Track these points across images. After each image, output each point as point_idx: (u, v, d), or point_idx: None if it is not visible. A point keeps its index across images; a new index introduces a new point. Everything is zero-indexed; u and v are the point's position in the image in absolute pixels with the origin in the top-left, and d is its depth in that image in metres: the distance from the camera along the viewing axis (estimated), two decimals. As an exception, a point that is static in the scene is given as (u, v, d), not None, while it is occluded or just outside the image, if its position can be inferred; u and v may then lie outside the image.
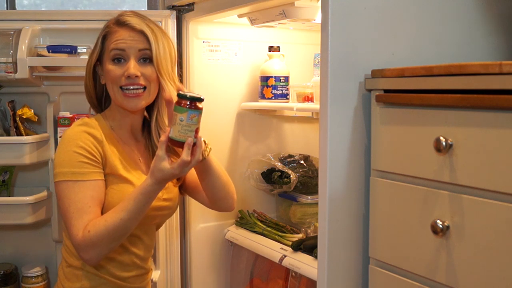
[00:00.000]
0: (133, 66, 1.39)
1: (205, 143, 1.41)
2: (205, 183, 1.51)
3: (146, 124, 1.54)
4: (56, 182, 1.37)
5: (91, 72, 1.48)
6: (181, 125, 1.26)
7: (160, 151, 1.29)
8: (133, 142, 1.51)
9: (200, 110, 1.28)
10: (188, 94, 1.26)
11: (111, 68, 1.41)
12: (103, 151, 1.39)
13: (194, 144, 1.29)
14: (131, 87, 1.40)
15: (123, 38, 1.41)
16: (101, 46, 1.45)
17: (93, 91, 1.51)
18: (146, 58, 1.42)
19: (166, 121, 1.46)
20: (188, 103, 1.26)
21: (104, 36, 1.45)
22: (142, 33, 1.42)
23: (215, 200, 1.56)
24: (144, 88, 1.42)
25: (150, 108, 1.51)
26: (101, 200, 1.37)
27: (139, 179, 1.45)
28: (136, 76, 1.39)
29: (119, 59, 1.42)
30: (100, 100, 1.53)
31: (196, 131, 1.29)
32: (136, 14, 1.47)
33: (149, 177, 1.31)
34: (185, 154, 1.27)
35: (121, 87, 1.41)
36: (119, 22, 1.44)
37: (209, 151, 1.44)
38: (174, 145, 1.30)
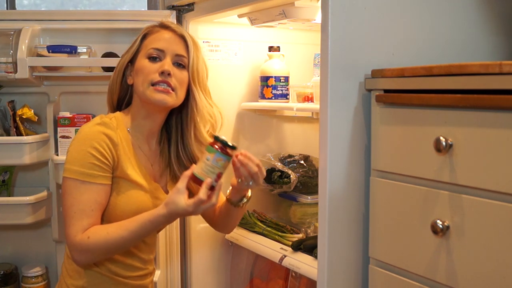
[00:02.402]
0: (167, 64, 1.41)
1: (247, 197, 1.46)
2: (224, 218, 1.54)
3: (162, 132, 1.54)
4: (64, 177, 1.37)
5: (122, 70, 1.48)
6: (206, 164, 1.30)
7: (181, 184, 1.31)
8: (147, 147, 1.50)
9: (229, 157, 1.31)
10: (223, 138, 1.30)
11: (146, 64, 1.42)
12: (117, 155, 1.38)
13: (213, 187, 1.31)
14: (161, 83, 1.40)
15: (163, 38, 1.44)
16: (139, 44, 1.46)
17: (118, 90, 1.50)
18: (181, 64, 1.44)
19: (204, 134, 1.48)
20: (219, 145, 1.30)
21: (144, 36, 1.47)
22: (183, 38, 1.46)
23: (220, 227, 1.60)
24: (173, 89, 1.42)
25: (172, 117, 1.52)
26: (104, 205, 1.38)
27: (149, 184, 1.45)
28: (169, 74, 1.40)
29: (155, 58, 1.43)
30: (119, 101, 1.52)
31: (219, 175, 1.32)
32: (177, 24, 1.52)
33: (162, 207, 1.32)
34: (202, 193, 1.29)
35: (152, 84, 1.40)
36: (162, 24, 1.48)
37: (247, 202, 1.47)
38: (194, 181, 1.32)
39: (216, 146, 1.30)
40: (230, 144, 1.31)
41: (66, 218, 1.35)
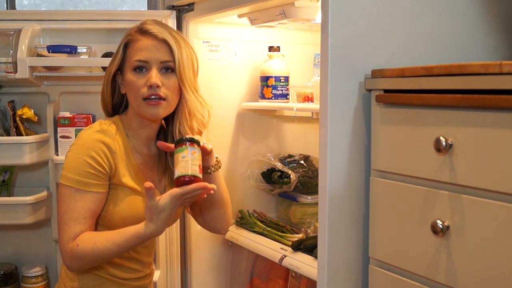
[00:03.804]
0: (154, 76, 1.38)
1: (217, 159, 1.46)
2: (209, 206, 1.53)
3: (160, 134, 1.53)
4: (60, 183, 1.38)
5: (110, 81, 1.46)
6: (184, 161, 1.29)
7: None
8: (146, 151, 1.50)
9: (199, 148, 1.32)
10: (185, 136, 1.33)
11: (133, 78, 1.39)
12: (114, 163, 1.38)
13: (199, 178, 1.30)
14: (152, 97, 1.38)
15: (145, 48, 1.40)
16: (122, 54, 1.43)
17: (110, 100, 1.49)
18: (169, 68, 1.41)
19: (189, 133, 1.46)
20: (186, 143, 1.31)
21: (126, 44, 1.43)
22: (165, 42, 1.40)
23: (210, 218, 1.57)
24: (164, 99, 1.39)
25: (169, 119, 1.49)
26: (97, 213, 1.38)
27: None
28: (157, 86, 1.38)
29: (140, 68, 1.40)
30: (115, 108, 1.51)
31: (199, 167, 1.31)
32: (158, 22, 1.46)
33: (147, 224, 1.31)
34: (193, 187, 1.29)
35: (143, 99, 1.38)
36: (142, 30, 1.43)
37: (218, 168, 1.47)
38: (182, 183, 1.29)
39: (185, 144, 1.31)
40: (193, 137, 1.33)
41: (59, 225, 1.36)
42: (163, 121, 1.53)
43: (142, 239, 1.34)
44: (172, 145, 1.37)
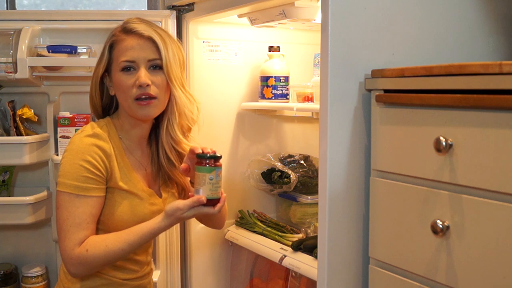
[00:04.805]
0: (143, 75, 1.37)
1: None
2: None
3: (152, 133, 1.53)
4: (58, 190, 1.37)
5: (98, 83, 1.45)
6: (212, 183, 1.32)
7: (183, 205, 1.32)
8: (139, 152, 1.50)
9: (221, 166, 1.34)
10: (211, 154, 1.33)
11: (122, 79, 1.38)
12: (110, 166, 1.38)
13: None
14: (143, 97, 1.38)
15: (132, 47, 1.38)
16: (108, 55, 1.42)
17: (99, 102, 1.48)
18: (157, 66, 1.40)
19: (177, 130, 1.46)
20: (213, 162, 1.32)
21: (111, 45, 1.42)
22: (151, 40, 1.39)
23: (208, 218, 1.58)
24: (154, 98, 1.39)
25: (159, 117, 1.48)
26: (97, 217, 1.38)
27: (144, 192, 1.45)
28: (147, 85, 1.37)
29: (128, 69, 1.39)
30: (105, 110, 1.51)
31: (221, 185, 1.35)
32: (142, 20, 1.44)
33: (164, 219, 1.33)
34: (218, 208, 1.33)
35: (134, 99, 1.38)
36: (126, 29, 1.41)
37: None
38: (207, 204, 1.33)
39: (212, 164, 1.32)
40: (218, 155, 1.33)
41: (60, 232, 1.34)
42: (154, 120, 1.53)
43: (156, 234, 1.36)
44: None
